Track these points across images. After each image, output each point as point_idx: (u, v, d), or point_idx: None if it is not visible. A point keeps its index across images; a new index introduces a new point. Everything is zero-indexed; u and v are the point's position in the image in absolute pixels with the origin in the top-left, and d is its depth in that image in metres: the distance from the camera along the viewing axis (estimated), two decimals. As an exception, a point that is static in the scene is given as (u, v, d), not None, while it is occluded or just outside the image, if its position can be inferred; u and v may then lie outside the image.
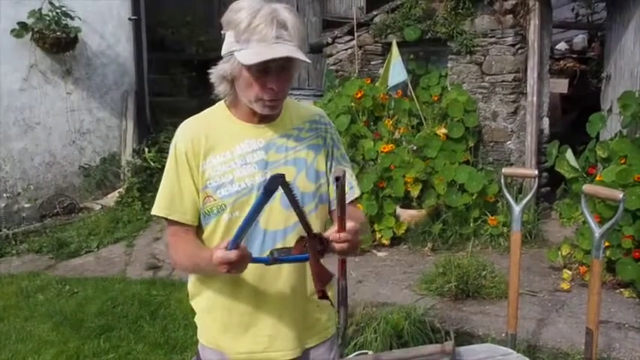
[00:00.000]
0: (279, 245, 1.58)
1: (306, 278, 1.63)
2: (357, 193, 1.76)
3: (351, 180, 1.73)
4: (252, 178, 1.57)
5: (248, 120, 1.61)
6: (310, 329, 1.69)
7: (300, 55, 1.47)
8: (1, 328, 3.94)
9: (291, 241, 1.58)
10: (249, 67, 1.47)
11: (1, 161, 6.03)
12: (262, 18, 1.45)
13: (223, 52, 1.52)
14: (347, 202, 1.72)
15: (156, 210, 1.62)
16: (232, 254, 1.37)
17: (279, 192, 1.57)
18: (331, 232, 1.41)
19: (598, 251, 2.42)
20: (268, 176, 1.57)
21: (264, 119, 1.61)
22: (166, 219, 1.61)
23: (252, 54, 1.45)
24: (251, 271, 1.58)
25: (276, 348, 1.64)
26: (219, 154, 1.57)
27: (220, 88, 1.56)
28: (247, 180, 1.56)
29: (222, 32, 1.54)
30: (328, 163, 1.68)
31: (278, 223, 1.58)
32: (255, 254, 1.57)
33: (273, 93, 1.51)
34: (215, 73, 1.54)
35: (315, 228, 1.60)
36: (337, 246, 1.40)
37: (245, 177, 1.56)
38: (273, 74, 1.49)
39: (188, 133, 1.60)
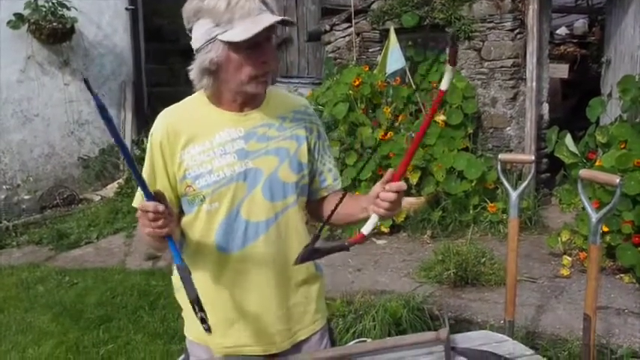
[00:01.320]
0: (261, 236, 1.55)
1: (287, 270, 1.60)
2: (339, 185, 1.73)
3: (336, 172, 1.71)
4: (232, 167, 1.53)
5: (229, 107, 1.57)
6: (298, 322, 1.66)
7: (287, 18, 1.46)
8: (2, 319, 3.96)
9: (272, 234, 1.56)
10: (238, 48, 1.43)
11: (1, 153, 6.04)
12: None
13: (199, 44, 1.46)
14: (331, 192, 1.71)
15: (134, 201, 1.61)
16: (150, 205, 1.33)
17: (261, 182, 1.55)
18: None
19: (595, 236, 2.40)
20: (249, 166, 1.54)
21: (246, 106, 1.57)
22: None
23: (241, 31, 1.40)
24: (230, 267, 1.56)
25: (262, 342, 1.62)
26: (198, 144, 1.53)
27: (202, 84, 1.50)
28: (226, 170, 1.53)
29: (189, 26, 1.48)
30: (311, 156, 1.64)
31: (260, 214, 1.55)
32: (237, 245, 1.55)
33: (266, 66, 1.48)
34: (195, 68, 1.47)
35: (295, 222, 1.60)
36: (387, 195, 1.40)
37: (224, 167, 1.53)
38: (262, 47, 1.46)
39: (164, 122, 1.57)
